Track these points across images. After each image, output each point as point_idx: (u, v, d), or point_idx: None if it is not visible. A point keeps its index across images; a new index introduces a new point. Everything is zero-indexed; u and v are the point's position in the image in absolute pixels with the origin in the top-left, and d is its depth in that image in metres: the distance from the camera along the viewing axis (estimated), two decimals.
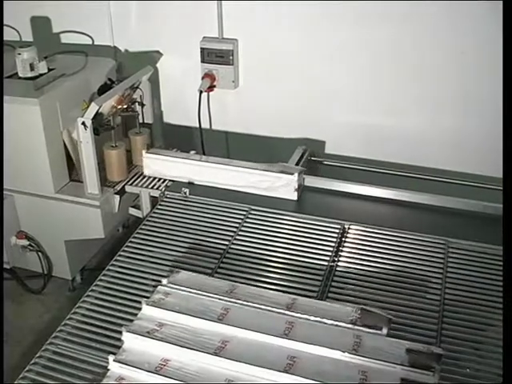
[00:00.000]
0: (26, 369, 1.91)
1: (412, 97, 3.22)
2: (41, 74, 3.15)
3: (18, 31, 3.61)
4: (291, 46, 3.30)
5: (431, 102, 3.20)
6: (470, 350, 1.94)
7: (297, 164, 3.21)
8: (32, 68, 3.12)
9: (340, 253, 2.39)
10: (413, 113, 3.26)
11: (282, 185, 2.80)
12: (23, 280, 3.36)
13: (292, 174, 2.79)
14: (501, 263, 2.28)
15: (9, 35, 3.63)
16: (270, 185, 2.82)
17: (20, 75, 3.13)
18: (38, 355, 1.95)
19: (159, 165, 3.08)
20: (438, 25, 3.00)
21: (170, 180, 3.04)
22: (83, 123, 2.90)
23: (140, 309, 1.96)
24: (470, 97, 3.11)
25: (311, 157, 3.38)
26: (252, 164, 2.92)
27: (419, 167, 3.25)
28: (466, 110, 3.16)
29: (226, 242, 2.46)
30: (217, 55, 3.41)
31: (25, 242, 3.26)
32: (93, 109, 2.92)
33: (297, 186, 2.78)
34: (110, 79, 3.31)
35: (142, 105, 3.36)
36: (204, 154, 3.48)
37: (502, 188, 2.85)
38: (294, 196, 2.79)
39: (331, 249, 2.40)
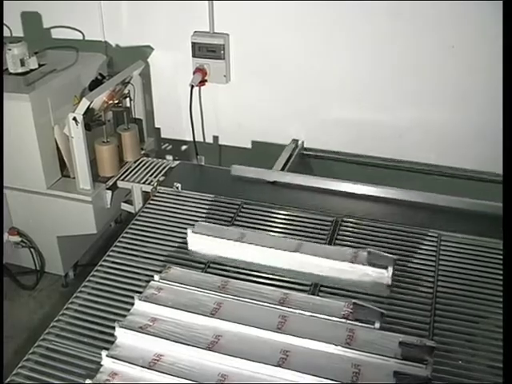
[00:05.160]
0: (20, 365, 1.90)
1: (403, 93, 3.23)
2: (31, 70, 3.16)
3: (8, 27, 3.60)
4: (283, 40, 3.30)
5: (423, 98, 3.21)
6: (463, 342, 1.94)
7: (288, 159, 3.22)
8: (22, 63, 3.12)
9: (333, 244, 2.39)
10: (405, 109, 3.26)
11: (369, 281, 2.09)
12: (16, 276, 3.36)
13: (385, 267, 2.08)
14: (492, 255, 2.29)
15: None
16: (353, 280, 2.11)
17: (10, 71, 3.13)
18: (31, 351, 1.95)
19: (205, 244, 2.33)
20: (427, 20, 3.00)
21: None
22: (74, 119, 2.89)
23: (133, 304, 1.96)
24: (462, 92, 3.12)
25: (303, 151, 3.39)
26: (324, 248, 2.27)
27: (412, 162, 3.26)
28: (458, 106, 3.17)
29: None
30: (208, 50, 3.41)
31: (17, 239, 3.26)
32: (84, 104, 2.91)
33: (390, 282, 2.07)
34: (101, 74, 3.31)
35: (131, 99, 3.35)
36: (197, 154, 3.47)
37: (496, 182, 2.90)
38: (386, 292, 2.08)
39: (323, 242, 2.40)
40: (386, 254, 2.09)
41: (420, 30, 3.03)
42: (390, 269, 1.99)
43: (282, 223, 2.53)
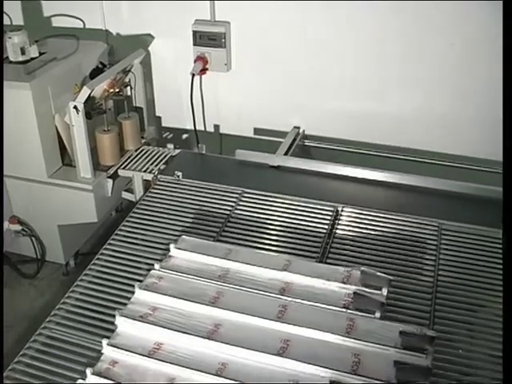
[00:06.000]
0: (21, 353, 1.91)
1: (402, 80, 3.23)
2: (32, 58, 3.15)
3: (8, 15, 3.58)
4: (284, 28, 3.29)
5: (420, 86, 3.21)
6: (463, 331, 1.95)
7: (291, 145, 3.22)
8: (23, 52, 3.10)
9: (333, 235, 2.39)
10: (405, 96, 3.26)
11: (363, 302, 1.95)
12: (16, 265, 3.36)
13: (379, 288, 1.97)
14: (493, 245, 2.29)
15: None
16: (345, 302, 1.95)
17: (11, 59, 3.12)
18: (32, 339, 1.96)
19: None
20: (423, 10, 3.00)
21: None
22: (75, 107, 2.89)
23: (133, 293, 1.96)
24: (460, 79, 3.12)
25: (304, 139, 3.39)
26: (317, 268, 2.11)
27: (411, 149, 3.26)
28: (455, 93, 3.16)
29: (219, 225, 2.46)
30: (209, 38, 3.40)
31: (17, 227, 3.26)
32: (85, 93, 2.91)
33: (385, 301, 1.94)
34: (101, 63, 3.30)
35: (131, 88, 3.35)
36: (198, 142, 3.47)
37: (493, 170, 2.90)
38: (378, 314, 1.89)
39: (324, 231, 2.40)
40: (380, 274, 2.03)
41: (421, 19, 3.02)
42: (385, 290, 1.96)
43: (282, 212, 2.53)
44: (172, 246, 2.16)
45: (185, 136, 3.81)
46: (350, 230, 2.41)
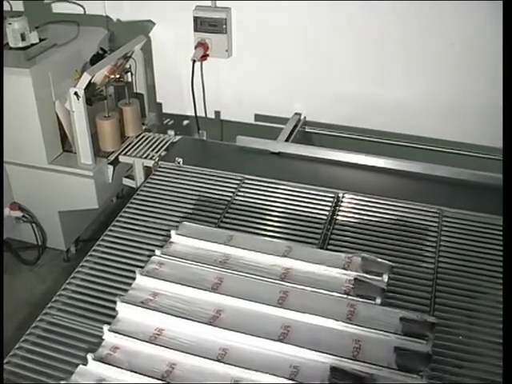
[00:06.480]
0: (22, 339, 1.91)
1: (405, 67, 3.21)
2: (32, 44, 3.14)
3: (8, 1, 3.57)
4: (285, 13, 3.28)
5: (423, 73, 3.19)
6: (463, 317, 1.95)
7: (292, 131, 3.21)
8: (23, 38, 3.10)
9: (334, 221, 2.39)
10: (407, 82, 3.25)
11: (364, 288, 1.94)
12: (17, 251, 3.36)
13: (380, 274, 1.97)
14: (494, 231, 2.29)
15: None
16: (346, 288, 1.93)
17: (11, 45, 3.12)
18: (33, 325, 1.96)
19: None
20: None
21: None
22: (76, 93, 2.89)
23: (134, 279, 1.96)
24: (462, 65, 3.11)
25: (305, 126, 3.39)
26: (318, 254, 2.12)
27: (413, 136, 3.25)
28: (459, 79, 3.15)
29: (220, 211, 2.46)
30: (210, 24, 3.39)
31: (18, 214, 3.26)
32: (85, 79, 2.90)
33: (385, 287, 1.95)
34: (102, 49, 3.29)
35: (132, 74, 3.34)
36: (199, 129, 3.47)
37: (494, 157, 2.90)
38: (378, 300, 1.89)
39: (325, 217, 2.40)
40: (381, 260, 2.03)
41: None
42: (386, 276, 1.96)
43: (283, 198, 2.53)
44: (173, 232, 2.16)
45: (185, 122, 3.81)
46: (350, 217, 2.41)
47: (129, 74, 3.34)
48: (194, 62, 3.44)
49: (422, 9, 3.02)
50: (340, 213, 2.43)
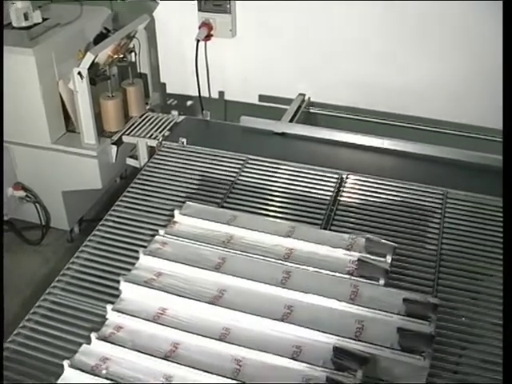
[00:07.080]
0: (26, 318, 1.92)
1: (412, 48, 3.20)
2: (35, 24, 3.12)
3: None
4: None
5: (431, 54, 3.18)
6: (466, 299, 1.95)
7: (296, 111, 3.21)
8: (26, 18, 3.08)
9: (338, 202, 2.38)
10: (412, 64, 3.24)
11: (367, 269, 1.92)
12: (21, 231, 3.37)
13: (383, 255, 1.95)
14: (497, 214, 2.29)
15: None
16: (349, 269, 1.92)
17: (14, 25, 3.10)
18: (37, 305, 1.96)
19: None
20: None
21: None
22: (79, 73, 2.88)
23: (137, 258, 1.96)
24: (470, 48, 3.09)
25: (309, 106, 3.38)
26: (321, 235, 2.09)
27: (418, 118, 3.24)
28: (465, 62, 3.14)
29: (224, 191, 2.45)
30: (214, 4, 3.38)
31: (22, 194, 3.27)
32: (89, 58, 2.90)
33: (389, 268, 1.92)
34: (105, 28, 3.29)
35: (136, 54, 3.33)
36: (202, 109, 3.46)
37: (499, 139, 2.89)
38: (382, 281, 1.88)
39: (329, 198, 2.40)
40: (385, 241, 2.01)
41: None
42: (389, 257, 1.96)
43: (286, 179, 2.52)
44: (176, 212, 2.16)
45: (189, 102, 3.80)
46: (354, 198, 2.41)
47: (132, 53, 3.33)
48: (197, 41, 3.43)
49: None
50: (344, 194, 2.43)
